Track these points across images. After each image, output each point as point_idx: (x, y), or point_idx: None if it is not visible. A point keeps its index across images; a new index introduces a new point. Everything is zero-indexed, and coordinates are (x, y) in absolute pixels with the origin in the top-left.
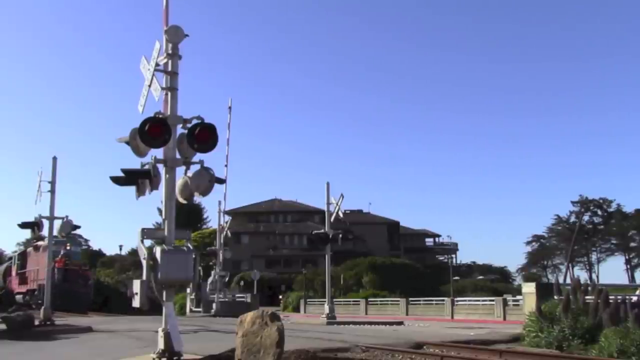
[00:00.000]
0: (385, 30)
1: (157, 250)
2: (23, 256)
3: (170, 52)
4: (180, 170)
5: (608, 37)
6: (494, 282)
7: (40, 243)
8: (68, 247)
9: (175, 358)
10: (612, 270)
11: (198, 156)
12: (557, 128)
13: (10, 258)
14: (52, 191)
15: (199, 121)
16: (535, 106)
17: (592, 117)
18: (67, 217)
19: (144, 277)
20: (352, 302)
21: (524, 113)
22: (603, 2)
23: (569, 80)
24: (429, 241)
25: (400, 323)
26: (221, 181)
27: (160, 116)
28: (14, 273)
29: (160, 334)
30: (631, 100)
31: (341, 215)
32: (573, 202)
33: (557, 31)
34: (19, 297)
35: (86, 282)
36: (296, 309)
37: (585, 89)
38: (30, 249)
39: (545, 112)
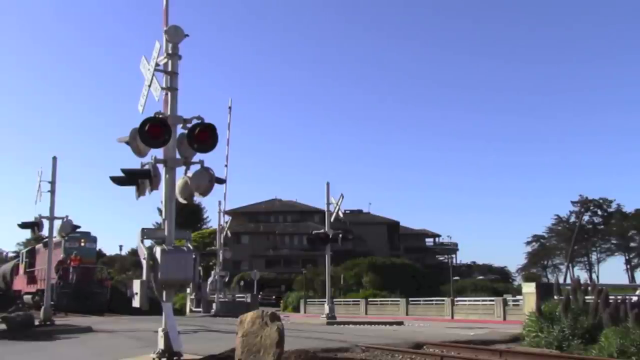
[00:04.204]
0: (386, 30)
1: (157, 251)
2: (31, 254)
3: (170, 52)
4: (180, 170)
5: (608, 37)
6: (494, 282)
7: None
8: (82, 244)
9: (175, 358)
10: (612, 270)
11: (198, 156)
12: (558, 128)
13: (17, 256)
14: (52, 191)
15: (199, 121)
16: (535, 106)
17: (592, 117)
18: (67, 217)
19: (144, 277)
20: (352, 302)
21: (524, 113)
22: (603, 3)
23: (569, 80)
24: (429, 241)
25: (400, 323)
26: (221, 181)
27: (160, 116)
28: (21, 272)
29: (160, 334)
30: (631, 100)
31: (341, 215)
32: (573, 202)
33: (557, 31)
34: (27, 298)
35: (102, 282)
36: (296, 309)
37: (586, 89)
38: (39, 246)
39: (546, 112)
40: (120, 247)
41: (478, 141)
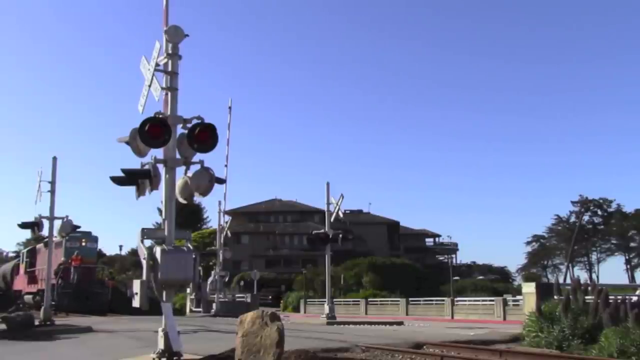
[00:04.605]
0: (386, 30)
1: (157, 251)
2: (32, 253)
3: (170, 52)
4: (180, 170)
5: (608, 36)
6: (494, 282)
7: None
8: (83, 244)
9: (175, 358)
10: (612, 270)
11: (198, 156)
12: (558, 128)
13: (18, 256)
14: (52, 191)
15: (199, 121)
16: (535, 106)
17: (592, 117)
18: (67, 217)
19: (144, 277)
20: (352, 302)
21: (524, 113)
22: (603, 3)
23: (569, 80)
24: (429, 241)
25: (400, 323)
26: (221, 181)
27: (160, 116)
28: (22, 272)
29: (160, 334)
30: (631, 100)
31: (341, 215)
32: (573, 202)
33: (557, 31)
34: (28, 298)
35: (103, 282)
36: (296, 309)
37: (586, 89)
38: (40, 246)
39: (546, 112)
40: (120, 247)
41: (478, 141)
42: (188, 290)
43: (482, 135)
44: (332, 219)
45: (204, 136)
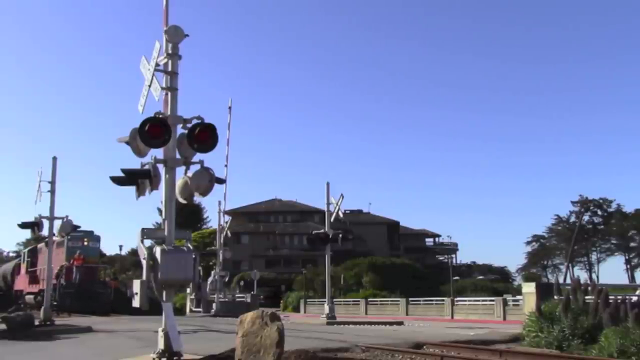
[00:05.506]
0: (385, 31)
1: (157, 251)
2: (33, 253)
3: (170, 52)
4: (180, 170)
5: (606, 37)
6: (494, 282)
7: (54, 239)
8: (85, 243)
9: (175, 358)
10: (612, 270)
11: (198, 156)
12: (557, 128)
13: (18, 256)
14: (52, 191)
15: (199, 121)
16: (535, 106)
17: (592, 117)
18: (67, 217)
19: (144, 277)
20: (352, 302)
21: (524, 113)
22: (601, 2)
23: (568, 80)
24: (429, 241)
25: (400, 323)
26: (221, 181)
27: (160, 116)
28: (23, 271)
29: (160, 334)
30: (631, 100)
31: (341, 215)
32: (573, 202)
33: (556, 31)
34: (29, 298)
35: (105, 282)
36: (296, 309)
37: (582, 89)
38: (41, 246)
39: (545, 112)
40: (120, 247)
41: (475, 141)
42: (188, 290)
43: (479, 135)
44: (332, 219)
45: (204, 136)
